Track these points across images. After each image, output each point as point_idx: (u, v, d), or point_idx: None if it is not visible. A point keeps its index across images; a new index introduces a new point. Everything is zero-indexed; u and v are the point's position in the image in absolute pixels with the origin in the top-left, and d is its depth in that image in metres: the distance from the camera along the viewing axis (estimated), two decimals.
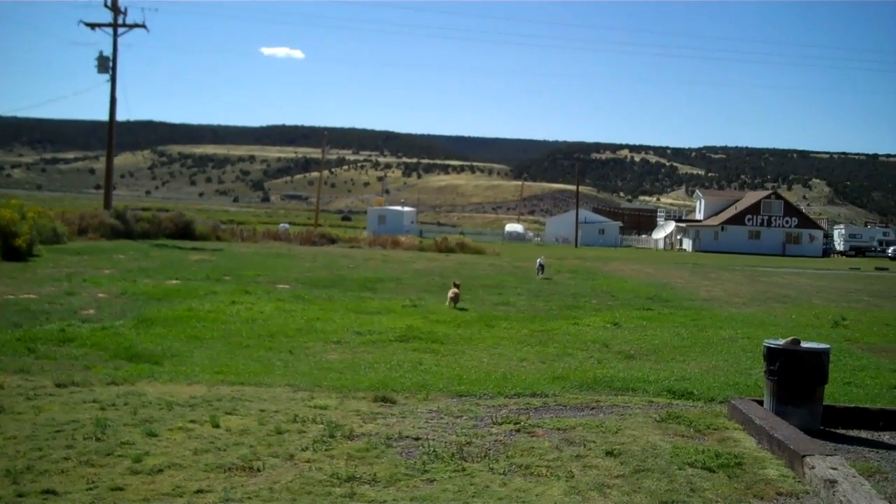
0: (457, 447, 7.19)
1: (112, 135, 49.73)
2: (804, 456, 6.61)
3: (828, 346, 8.95)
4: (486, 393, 9.77)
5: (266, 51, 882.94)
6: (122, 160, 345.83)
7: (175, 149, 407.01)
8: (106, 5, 48.01)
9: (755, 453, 7.38)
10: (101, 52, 48.52)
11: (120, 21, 48.56)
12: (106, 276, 22.01)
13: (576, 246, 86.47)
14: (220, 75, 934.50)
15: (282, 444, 7.15)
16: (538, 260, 32.32)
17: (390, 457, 6.87)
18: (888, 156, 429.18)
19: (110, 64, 48.31)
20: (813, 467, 6.38)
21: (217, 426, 7.62)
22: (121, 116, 48.07)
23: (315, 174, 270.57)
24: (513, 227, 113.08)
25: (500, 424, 8.19)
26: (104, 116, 49.47)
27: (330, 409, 8.51)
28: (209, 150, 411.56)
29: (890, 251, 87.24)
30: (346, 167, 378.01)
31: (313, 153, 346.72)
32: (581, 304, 21.64)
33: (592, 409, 9.19)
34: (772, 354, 8.58)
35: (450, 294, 20.29)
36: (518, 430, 7.97)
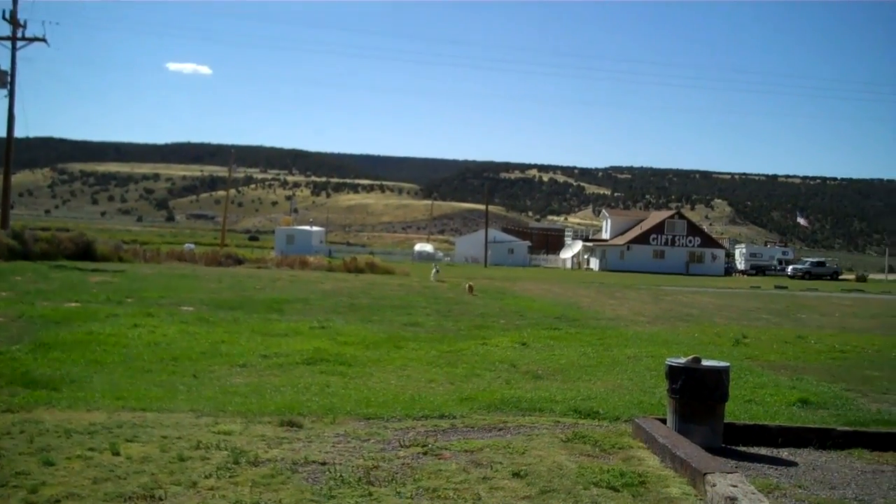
0: (363, 471, 7.13)
1: (10, 152, 48.25)
2: (705, 474, 6.72)
3: (727, 364, 9.15)
4: (393, 415, 9.72)
5: (172, 66, 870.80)
6: (21, 178, 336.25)
7: (76, 166, 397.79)
8: (4, 18, 46.68)
9: (659, 472, 7.49)
10: None
11: (19, 34, 47.28)
12: (2, 299, 21.31)
13: (485, 265, 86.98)
14: (123, 91, 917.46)
15: (184, 471, 6.98)
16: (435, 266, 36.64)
17: (296, 483, 6.77)
18: (787, 176, 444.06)
19: (8, 78, 46.95)
20: (714, 485, 6.50)
21: (117, 454, 7.42)
22: (19, 133, 46.29)
23: (222, 193, 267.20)
24: (423, 246, 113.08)
25: (408, 447, 8.15)
26: (1, 133, 48.08)
27: (234, 435, 8.37)
28: (112, 167, 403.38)
29: (789, 270, 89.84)
30: (253, 186, 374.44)
31: (220, 171, 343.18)
32: (489, 324, 21.76)
33: (500, 430, 9.22)
34: (673, 373, 8.75)
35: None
36: (425, 453, 7.94)
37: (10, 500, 6.08)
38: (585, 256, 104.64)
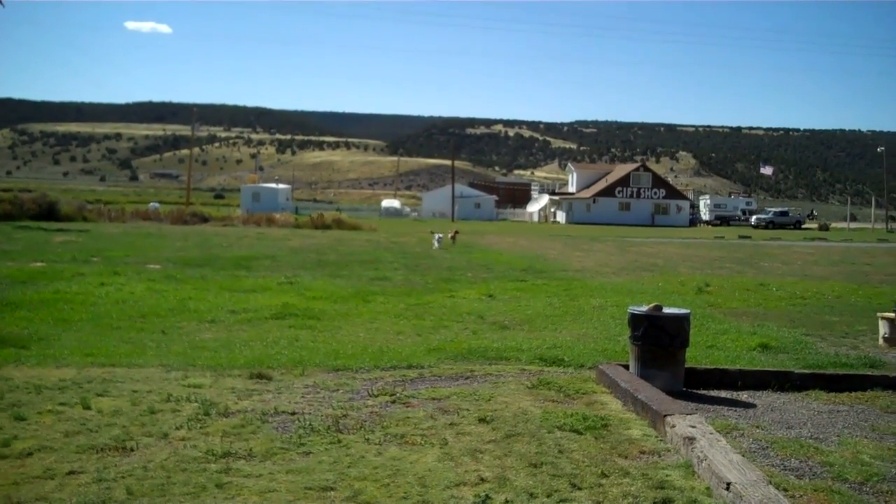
0: (333, 420, 7.25)
1: None
2: (665, 416, 6.91)
3: (688, 311, 9.34)
4: (362, 367, 9.84)
5: (131, 25, 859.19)
6: None
7: (37, 127, 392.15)
8: None
9: (621, 415, 7.68)
10: None
11: None
12: None
13: (452, 220, 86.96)
14: (82, 51, 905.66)
15: (155, 423, 7.07)
16: (437, 235, 34.87)
17: (266, 432, 6.88)
18: (750, 128, 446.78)
19: None
20: (674, 426, 6.68)
21: (88, 408, 7.48)
22: None
23: (185, 152, 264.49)
24: (390, 202, 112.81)
25: (376, 396, 8.28)
26: None
27: (204, 388, 8.45)
28: (73, 128, 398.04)
29: (753, 220, 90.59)
30: (217, 144, 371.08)
31: (183, 130, 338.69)
32: (457, 277, 21.89)
33: (467, 378, 9.37)
34: (635, 320, 8.92)
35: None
36: (393, 402, 8.08)
37: None
38: (552, 210, 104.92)
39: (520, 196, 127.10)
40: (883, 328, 12.79)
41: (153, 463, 5.99)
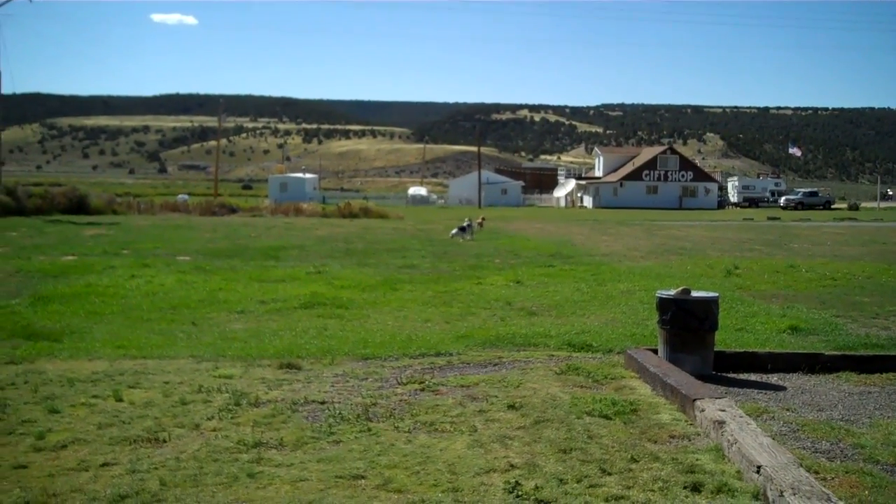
0: (362, 408, 7.29)
1: None
2: (695, 400, 6.90)
3: (717, 294, 9.30)
4: (391, 355, 9.88)
5: (157, 17, 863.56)
6: (10, 135, 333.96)
7: (65, 121, 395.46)
8: None
9: (650, 399, 7.68)
10: None
11: None
12: None
13: (479, 207, 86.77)
14: (109, 44, 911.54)
15: (187, 414, 7.15)
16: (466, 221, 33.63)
17: (296, 421, 6.94)
18: (778, 108, 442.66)
19: None
20: (703, 410, 6.67)
21: (120, 400, 7.57)
22: (6, 89, 46.02)
23: (213, 143, 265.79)
24: (416, 190, 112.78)
25: (405, 384, 8.32)
26: None
27: (235, 378, 8.52)
28: (101, 121, 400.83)
29: (781, 201, 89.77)
30: (244, 135, 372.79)
31: (210, 122, 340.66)
32: (484, 263, 21.87)
33: (495, 365, 9.39)
34: (664, 304, 8.90)
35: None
36: (422, 389, 8.12)
37: (18, 446, 6.22)
38: (579, 194, 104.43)
39: (546, 181, 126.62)
40: None
41: (185, 454, 6.05)
